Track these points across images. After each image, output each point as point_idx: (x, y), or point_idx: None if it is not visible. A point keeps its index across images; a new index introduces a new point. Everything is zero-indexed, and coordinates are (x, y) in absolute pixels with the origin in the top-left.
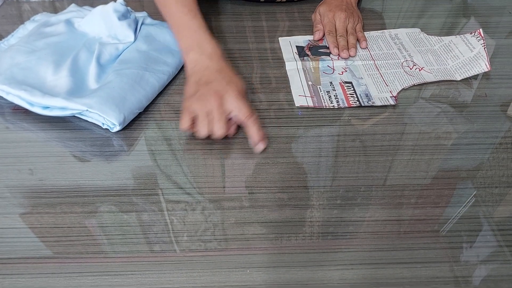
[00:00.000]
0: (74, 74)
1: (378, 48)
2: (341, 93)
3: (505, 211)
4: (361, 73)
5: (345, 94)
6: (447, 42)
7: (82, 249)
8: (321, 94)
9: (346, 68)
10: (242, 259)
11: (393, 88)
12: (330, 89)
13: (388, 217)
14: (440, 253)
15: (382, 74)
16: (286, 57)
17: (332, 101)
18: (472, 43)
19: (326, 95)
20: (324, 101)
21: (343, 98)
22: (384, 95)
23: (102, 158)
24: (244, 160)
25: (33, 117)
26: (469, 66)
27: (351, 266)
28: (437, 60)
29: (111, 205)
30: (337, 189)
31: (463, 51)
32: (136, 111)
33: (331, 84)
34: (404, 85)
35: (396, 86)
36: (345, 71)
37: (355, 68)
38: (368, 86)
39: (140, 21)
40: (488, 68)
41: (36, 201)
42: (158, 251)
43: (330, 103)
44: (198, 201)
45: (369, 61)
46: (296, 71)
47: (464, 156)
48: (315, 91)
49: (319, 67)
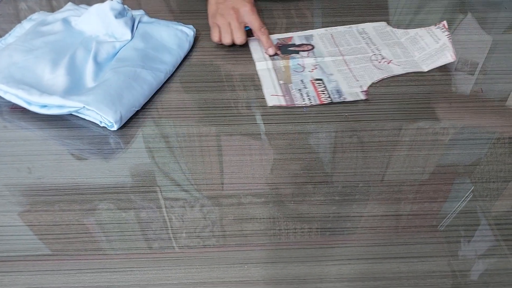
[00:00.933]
0: (71, 73)
1: (346, 43)
2: (312, 91)
3: (502, 206)
4: (331, 69)
5: (316, 91)
6: (413, 34)
7: (81, 246)
8: (292, 92)
9: (316, 65)
10: (240, 255)
11: (363, 83)
12: (301, 87)
13: (386, 213)
14: (436, 247)
15: (352, 69)
16: (255, 57)
17: (304, 98)
18: (438, 35)
19: (298, 93)
20: (295, 99)
21: (315, 96)
22: (355, 90)
23: (100, 156)
24: (242, 157)
25: (31, 115)
26: (435, 57)
27: (348, 261)
28: (404, 53)
29: (109, 203)
30: (335, 185)
31: (429, 43)
32: (133, 109)
33: (302, 82)
34: (374, 79)
35: (366, 81)
36: (315, 68)
37: (325, 65)
38: (338, 82)
39: (137, 19)
40: (453, 58)
41: (35, 199)
42: (156, 248)
43: (302, 101)
44: (196, 198)
45: (338, 56)
46: (267, 71)
47: (461, 151)
48: (286, 89)
49: (289, 65)
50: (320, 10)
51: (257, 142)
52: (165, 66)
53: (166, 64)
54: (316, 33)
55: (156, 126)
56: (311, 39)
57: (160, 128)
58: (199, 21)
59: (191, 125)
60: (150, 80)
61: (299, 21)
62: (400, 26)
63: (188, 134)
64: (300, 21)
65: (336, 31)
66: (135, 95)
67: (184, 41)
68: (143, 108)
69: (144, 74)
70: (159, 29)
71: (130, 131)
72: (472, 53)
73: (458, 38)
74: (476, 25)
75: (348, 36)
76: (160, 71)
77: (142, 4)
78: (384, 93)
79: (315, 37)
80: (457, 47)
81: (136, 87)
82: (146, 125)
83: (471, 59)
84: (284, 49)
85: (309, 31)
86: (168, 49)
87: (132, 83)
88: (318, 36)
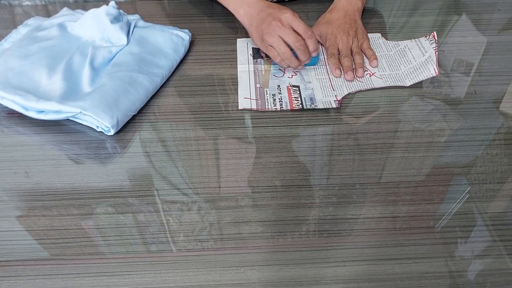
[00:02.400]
0: (68, 78)
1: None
2: (286, 96)
3: (497, 206)
4: (310, 77)
5: (289, 97)
6: (403, 47)
7: (79, 250)
8: (266, 97)
9: (296, 72)
10: (237, 258)
11: (339, 92)
12: (276, 92)
13: (381, 214)
14: (431, 248)
15: (331, 78)
16: (240, 58)
17: (276, 104)
18: (425, 47)
19: (271, 98)
20: (268, 104)
21: (287, 101)
22: (328, 99)
23: (97, 160)
24: (238, 160)
25: (28, 121)
26: (419, 71)
27: (343, 263)
28: (390, 66)
29: (107, 207)
30: (331, 187)
31: (416, 55)
32: (130, 114)
33: (278, 88)
34: (351, 90)
35: (343, 91)
36: (295, 74)
37: (305, 72)
38: (314, 90)
39: (132, 24)
40: (436, 72)
41: (33, 204)
42: (154, 251)
43: (273, 106)
44: (193, 201)
45: (322, 66)
46: (247, 73)
47: (457, 152)
48: (261, 93)
49: (270, 69)
50: (315, 13)
51: (253, 145)
52: (161, 71)
53: (162, 68)
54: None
55: (152, 130)
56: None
57: (156, 132)
58: (195, 25)
59: (187, 129)
60: (146, 85)
61: None
62: (394, 28)
63: (184, 138)
64: None
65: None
66: (132, 100)
67: (179, 46)
68: (139, 113)
69: (140, 79)
70: (155, 33)
71: (127, 135)
72: (467, 54)
73: (452, 40)
74: (470, 26)
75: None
76: (156, 76)
77: (137, 8)
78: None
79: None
80: (452, 49)
81: (133, 91)
82: (143, 129)
83: (466, 60)
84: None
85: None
86: (164, 54)
87: (128, 88)
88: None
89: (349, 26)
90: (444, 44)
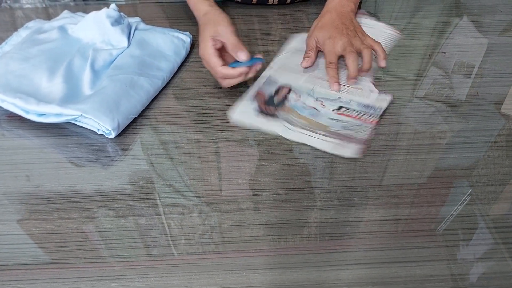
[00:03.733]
0: (68, 81)
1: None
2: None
3: (500, 209)
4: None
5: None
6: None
7: (80, 254)
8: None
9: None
10: (239, 261)
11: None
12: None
13: (384, 217)
14: (434, 251)
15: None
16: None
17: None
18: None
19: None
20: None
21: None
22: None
23: (98, 163)
24: (240, 163)
25: (29, 124)
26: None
27: (346, 267)
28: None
29: (108, 210)
30: (333, 190)
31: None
32: (131, 116)
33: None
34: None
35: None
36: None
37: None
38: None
39: (133, 26)
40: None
41: (34, 208)
42: (155, 254)
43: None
44: (195, 204)
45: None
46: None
47: (459, 155)
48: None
49: (305, 115)
50: (316, 15)
51: (255, 148)
52: (162, 73)
53: (163, 71)
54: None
55: (153, 133)
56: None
57: (157, 135)
58: (196, 27)
59: (189, 132)
60: (147, 87)
61: (295, 26)
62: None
63: (186, 141)
64: (296, 26)
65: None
66: (133, 103)
67: (180, 48)
68: (140, 115)
69: (141, 82)
70: (156, 36)
71: (127, 138)
72: (468, 56)
73: (454, 41)
74: (471, 28)
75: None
76: (157, 78)
77: (138, 11)
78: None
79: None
80: (453, 51)
81: (133, 94)
82: (144, 132)
83: (468, 61)
84: (276, 101)
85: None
86: (164, 56)
87: (129, 91)
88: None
89: (346, 27)
90: (445, 46)
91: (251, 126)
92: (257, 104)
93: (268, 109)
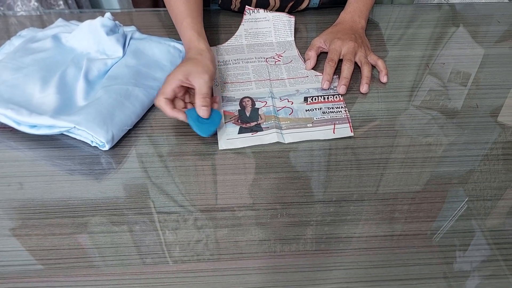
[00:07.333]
0: (61, 91)
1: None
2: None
3: (500, 224)
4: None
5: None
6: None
7: (73, 267)
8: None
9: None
10: (235, 279)
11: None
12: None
13: (384, 233)
14: (435, 268)
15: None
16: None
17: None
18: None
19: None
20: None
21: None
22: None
23: (91, 176)
24: (236, 176)
25: (21, 135)
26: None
27: (346, 284)
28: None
29: (101, 224)
30: (329, 204)
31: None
32: (125, 128)
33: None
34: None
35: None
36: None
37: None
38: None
39: (128, 35)
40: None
41: (25, 222)
42: (149, 267)
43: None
44: (191, 218)
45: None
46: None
47: (457, 168)
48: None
49: (285, 116)
50: (314, 25)
51: (251, 160)
52: (158, 83)
53: (159, 81)
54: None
55: (149, 145)
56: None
57: (153, 147)
58: None
59: (184, 143)
60: (142, 98)
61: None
62: (392, 39)
63: (181, 153)
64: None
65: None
66: (127, 114)
67: (176, 57)
68: (135, 127)
69: (136, 92)
70: (151, 45)
71: (122, 150)
72: (465, 66)
73: (450, 51)
74: (468, 38)
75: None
76: (153, 88)
77: (134, 19)
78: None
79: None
80: (450, 61)
81: (128, 105)
82: (139, 143)
83: (464, 71)
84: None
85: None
86: (160, 66)
87: (124, 102)
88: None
89: (356, 38)
90: (441, 55)
91: (246, 146)
92: (234, 125)
93: (247, 125)
